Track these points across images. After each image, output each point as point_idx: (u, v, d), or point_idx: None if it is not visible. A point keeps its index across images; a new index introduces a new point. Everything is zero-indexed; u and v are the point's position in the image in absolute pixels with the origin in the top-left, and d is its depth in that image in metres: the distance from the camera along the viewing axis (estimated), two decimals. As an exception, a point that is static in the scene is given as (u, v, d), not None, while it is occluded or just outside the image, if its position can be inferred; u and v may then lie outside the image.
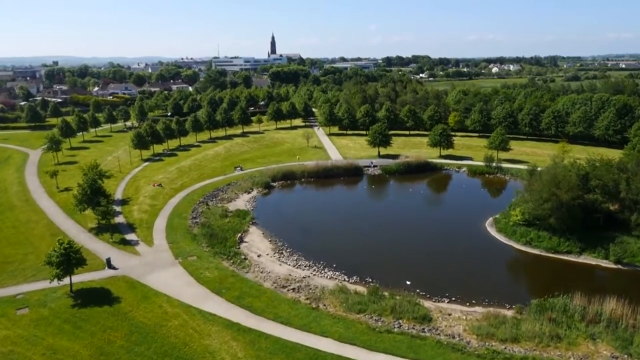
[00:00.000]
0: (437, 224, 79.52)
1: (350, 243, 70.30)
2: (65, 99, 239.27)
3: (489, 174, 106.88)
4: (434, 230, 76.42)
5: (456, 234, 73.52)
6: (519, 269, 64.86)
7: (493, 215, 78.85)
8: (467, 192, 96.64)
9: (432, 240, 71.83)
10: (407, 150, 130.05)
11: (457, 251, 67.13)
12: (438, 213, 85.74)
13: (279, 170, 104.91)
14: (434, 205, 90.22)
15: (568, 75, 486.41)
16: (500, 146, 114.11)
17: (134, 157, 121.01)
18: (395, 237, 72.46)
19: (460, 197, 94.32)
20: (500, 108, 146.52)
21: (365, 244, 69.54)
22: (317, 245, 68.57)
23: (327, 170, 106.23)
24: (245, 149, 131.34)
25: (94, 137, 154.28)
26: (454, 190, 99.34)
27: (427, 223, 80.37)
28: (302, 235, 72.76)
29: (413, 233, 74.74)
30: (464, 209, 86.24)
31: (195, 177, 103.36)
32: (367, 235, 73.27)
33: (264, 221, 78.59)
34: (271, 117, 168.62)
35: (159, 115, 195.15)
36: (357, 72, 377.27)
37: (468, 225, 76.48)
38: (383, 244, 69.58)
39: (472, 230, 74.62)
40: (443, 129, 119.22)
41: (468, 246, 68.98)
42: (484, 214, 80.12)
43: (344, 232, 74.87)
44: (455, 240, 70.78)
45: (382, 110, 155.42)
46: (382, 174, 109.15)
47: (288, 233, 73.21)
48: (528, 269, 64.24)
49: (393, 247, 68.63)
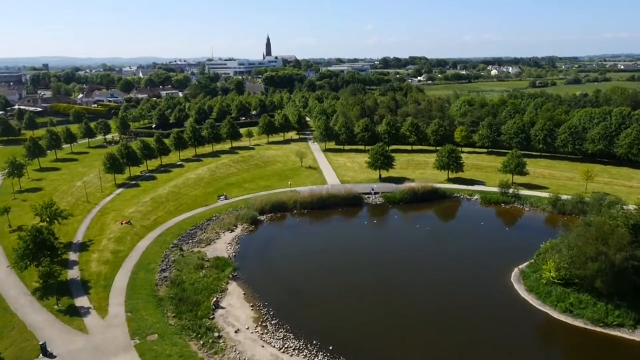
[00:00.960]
0: (452, 276, 66.71)
1: (349, 307, 57.67)
2: (45, 109, 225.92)
3: (505, 204, 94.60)
4: (448, 286, 63.55)
5: (477, 293, 61.03)
6: (558, 348, 52.41)
7: (518, 264, 66.76)
8: (485, 230, 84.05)
9: (447, 302, 59.21)
10: (410, 171, 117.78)
11: (480, 319, 54.82)
12: (452, 260, 72.66)
13: (268, 200, 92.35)
14: (446, 248, 76.87)
15: (569, 78, 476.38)
16: (517, 170, 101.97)
17: (106, 182, 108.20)
18: (403, 299, 59.95)
19: (477, 235, 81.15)
20: (511, 123, 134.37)
21: (365, 310, 56.95)
22: (309, 314, 56.07)
23: (323, 200, 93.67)
24: (232, 171, 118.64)
25: (69, 155, 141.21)
26: (468, 226, 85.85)
27: (439, 276, 67.35)
28: (292, 297, 60.26)
29: (424, 292, 62.12)
30: (482, 253, 73.71)
31: (172, 209, 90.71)
32: (368, 295, 60.77)
33: (247, 274, 66.05)
34: (263, 131, 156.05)
35: (143, 128, 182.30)
36: (354, 77, 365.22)
37: (489, 279, 64.09)
38: (389, 308, 57.15)
39: (494, 286, 62.26)
40: (452, 149, 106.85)
41: (492, 312, 56.59)
42: (507, 260, 67.96)
43: (341, 291, 62.02)
44: (477, 303, 58.36)
45: (383, 124, 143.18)
46: (385, 204, 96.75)
47: (275, 293, 60.70)
48: (569, 349, 51.88)
49: (399, 314, 56.21)
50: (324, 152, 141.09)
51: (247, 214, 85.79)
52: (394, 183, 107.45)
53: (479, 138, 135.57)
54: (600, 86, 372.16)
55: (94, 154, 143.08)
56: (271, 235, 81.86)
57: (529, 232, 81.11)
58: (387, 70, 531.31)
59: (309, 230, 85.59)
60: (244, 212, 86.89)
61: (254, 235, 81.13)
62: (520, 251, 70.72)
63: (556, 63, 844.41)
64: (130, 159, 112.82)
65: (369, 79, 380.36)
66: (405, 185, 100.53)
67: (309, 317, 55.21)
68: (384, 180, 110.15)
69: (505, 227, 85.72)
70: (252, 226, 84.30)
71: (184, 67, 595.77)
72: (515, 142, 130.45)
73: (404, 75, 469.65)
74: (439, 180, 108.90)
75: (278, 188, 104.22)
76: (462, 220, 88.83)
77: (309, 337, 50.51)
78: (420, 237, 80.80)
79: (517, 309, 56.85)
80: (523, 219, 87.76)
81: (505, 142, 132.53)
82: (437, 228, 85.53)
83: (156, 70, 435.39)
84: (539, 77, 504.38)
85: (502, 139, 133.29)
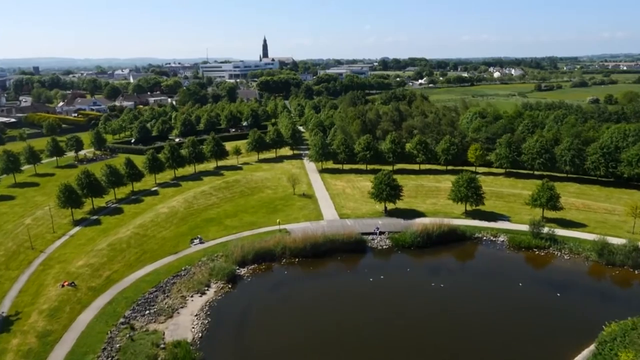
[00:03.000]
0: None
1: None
2: (19, 119, 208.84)
3: (538, 249, 78.05)
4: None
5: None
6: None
7: (573, 354, 50.29)
8: (519, 292, 67.34)
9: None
10: (420, 200, 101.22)
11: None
12: (481, 343, 55.95)
13: (251, 247, 75.51)
14: (470, 325, 58.97)
15: (574, 80, 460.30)
16: (549, 204, 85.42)
17: (62, 217, 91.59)
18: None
19: (511, 302, 63.57)
20: (532, 140, 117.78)
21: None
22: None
23: (318, 246, 76.97)
24: (212, 201, 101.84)
25: (31, 177, 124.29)
26: (497, 284, 68.25)
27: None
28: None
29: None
30: (521, 331, 57.12)
31: (132, 259, 73.96)
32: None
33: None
34: (252, 148, 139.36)
35: (120, 142, 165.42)
36: (353, 81, 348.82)
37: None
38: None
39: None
40: (470, 178, 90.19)
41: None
42: (558, 346, 51.48)
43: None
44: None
45: (387, 141, 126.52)
46: (392, 247, 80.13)
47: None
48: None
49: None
50: (320, 173, 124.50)
51: (223, 269, 68.98)
52: (402, 217, 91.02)
53: (496, 158, 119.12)
54: (608, 89, 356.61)
55: (60, 175, 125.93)
56: (252, 299, 64.85)
57: (577, 297, 64.27)
58: (387, 73, 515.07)
59: (299, 290, 68.43)
60: (219, 265, 70.13)
61: (230, 299, 64.31)
62: (574, 330, 54.34)
63: (557, 64, 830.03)
64: (93, 189, 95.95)
65: (368, 83, 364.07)
66: (417, 224, 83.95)
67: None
68: (389, 213, 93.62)
69: (544, 286, 68.07)
70: (229, 285, 67.51)
71: (178, 70, 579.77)
72: (537, 163, 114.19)
73: (404, 78, 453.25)
74: (454, 214, 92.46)
75: (265, 225, 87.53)
76: (490, 275, 71.47)
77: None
78: (439, 302, 63.93)
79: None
80: (564, 273, 70.81)
81: (527, 162, 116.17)
82: (458, 287, 68.40)
83: (145, 75, 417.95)
84: (543, 79, 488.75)
85: (522, 158, 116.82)
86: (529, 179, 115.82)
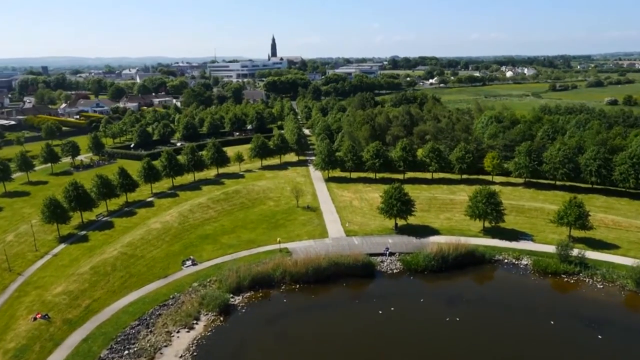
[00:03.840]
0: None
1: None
2: (19, 122, 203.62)
3: (566, 275, 70.06)
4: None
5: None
6: None
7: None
8: (552, 332, 59.62)
9: None
10: (433, 214, 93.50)
11: None
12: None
13: (248, 271, 68.36)
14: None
15: (590, 80, 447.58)
16: (578, 223, 77.24)
17: (48, 233, 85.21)
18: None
19: (540, 344, 55.93)
20: (554, 149, 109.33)
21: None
22: None
23: (321, 271, 69.61)
24: (209, 215, 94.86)
25: (22, 186, 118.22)
26: (525, 322, 59.40)
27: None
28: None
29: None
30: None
31: (116, 284, 67.16)
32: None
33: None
34: (255, 154, 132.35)
35: (119, 147, 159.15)
36: (362, 81, 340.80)
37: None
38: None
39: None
40: (490, 193, 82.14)
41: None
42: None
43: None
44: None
45: (397, 148, 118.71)
46: (403, 272, 72.59)
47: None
48: None
49: None
50: (326, 182, 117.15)
51: (215, 298, 61.87)
52: (414, 235, 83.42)
53: (515, 167, 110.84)
54: (625, 89, 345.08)
55: (54, 183, 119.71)
56: (245, 335, 57.55)
57: (618, 337, 56.36)
58: (397, 72, 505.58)
59: (299, 324, 61.05)
60: (211, 294, 63.04)
61: (220, 335, 57.17)
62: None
63: (570, 62, 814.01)
64: (81, 202, 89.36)
65: (377, 83, 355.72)
66: (431, 244, 76.36)
67: None
68: (400, 230, 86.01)
69: (578, 323, 59.19)
70: (221, 317, 60.43)
71: (185, 70, 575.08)
72: (560, 174, 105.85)
73: (414, 78, 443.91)
74: (471, 232, 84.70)
75: (264, 244, 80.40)
76: (514, 308, 63.02)
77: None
78: (455, 341, 56.25)
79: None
80: (599, 307, 62.45)
81: (548, 172, 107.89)
82: (477, 322, 60.48)
83: (152, 75, 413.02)
84: (557, 78, 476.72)
85: (543, 168, 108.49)
86: (550, 189, 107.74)
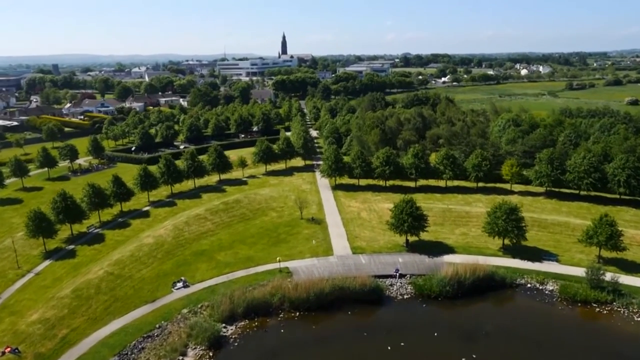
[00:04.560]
0: None
1: None
2: (21, 122, 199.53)
3: (598, 304, 62.70)
4: None
5: None
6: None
7: None
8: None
9: None
10: (447, 229, 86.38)
11: None
12: None
13: (243, 297, 61.99)
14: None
15: (608, 78, 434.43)
16: (609, 243, 69.69)
17: (33, 247, 79.69)
18: None
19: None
20: (578, 157, 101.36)
21: None
22: None
23: (324, 297, 63.00)
24: (207, 227, 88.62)
25: (16, 192, 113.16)
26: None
27: None
28: None
29: None
30: None
31: (99, 310, 61.22)
32: None
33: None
34: (259, 159, 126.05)
35: (120, 150, 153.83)
36: (373, 79, 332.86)
37: None
38: None
39: None
40: (510, 209, 74.70)
41: None
42: None
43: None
44: None
45: (409, 154, 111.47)
46: (415, 297, 65.71)
47: None
48: None
49: None
50: (333, 190, 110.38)
51: (205, 330, 55.50)
52: (426, 254, 76.49)
53: (535, 175, 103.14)
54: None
55: (49, 190, 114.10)
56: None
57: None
58: (409, 70, 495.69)
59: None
60: (201, 324, 56.74)
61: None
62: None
63: (586, 59, 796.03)
64: (70, 214, 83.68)
65: (389, 82, 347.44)
66: (446, 266, 69.33)
67: None
68: (412, 246, 79.10)
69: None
70: (210, 352, 54.15)
71: (195, 68, 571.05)
72: (585, 184, 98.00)
73: (426, 76, 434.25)
74: (489, 250, 77.58)
75: (263, 262, 74.02)
76: (542, 345, 55.12)
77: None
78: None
79: None
80: (638, 343, 55.47)
81: (572, 182, 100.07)
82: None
83: (160, 73, 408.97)
84: (573, 77, 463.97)
85: (566, 177, 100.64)
86: (574, 200, 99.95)
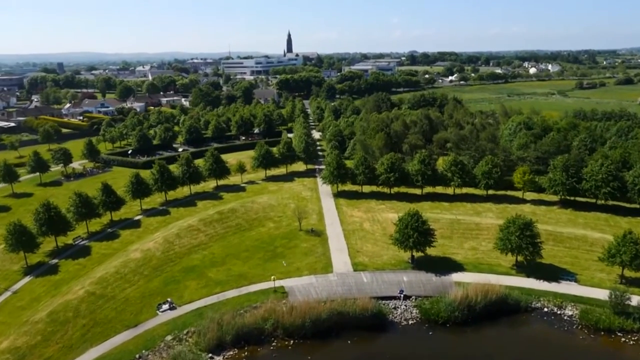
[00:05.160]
0: None
1: None
2: (18, 123, 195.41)
3: (624, 333, 56.88)
4: None
5: None
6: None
7: None
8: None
9: None
10: (456, 243, 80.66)
11: None
12: None
13: (232, 322, 56.67)
14: None
15: (618, 77, 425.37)
16: (634, 264, 63.77)
17: (14, 262, 74.89)
18: None
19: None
20: (596, 164, 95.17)
21: None
22: None
23: (321, 322, 57.60)
24: (199, 240, 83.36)
25: (5, 198, 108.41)
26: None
27: None
28: None
29: None
30: None
31: (75, 337, 56.11)
32: None
33: None
34: (258, 164, 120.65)
35: (115, 153, 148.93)
36: (379, 78, 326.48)
37: None
38: None
39: None
40: (524, 224, 68.93)
41: None
42: None
43: None
44: None
45: (415, 161, 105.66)
46: (421, 323, 60.14)
47: None
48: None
49: None
50: (335, 198, 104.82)
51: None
52: (433, 271, 70.86)
53: (549, 183, 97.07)
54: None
55: (40, 196, 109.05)
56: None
57: None
58: (415, 69, 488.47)
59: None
60: (184, 355, 51.53)
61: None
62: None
63: (596, 57, 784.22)
64: (54, 226, 78.69)
65: (395, 81, 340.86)
66: (454, 288, 63.71)
67: None
68: (417, 263, 73.50)
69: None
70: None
71: (199, 66, 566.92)
72: (603, 193, 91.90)
73: (433, 75, 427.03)
74: (501, 267, 71.87)
75: (257, 281, 68.66)
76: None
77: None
78: None
79: None
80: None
81: (588, 191, 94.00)
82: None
83: (164, 72, 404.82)
84: (583, 75, 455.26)
85: (583, 185, 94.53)
86: (590, 210, 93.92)
